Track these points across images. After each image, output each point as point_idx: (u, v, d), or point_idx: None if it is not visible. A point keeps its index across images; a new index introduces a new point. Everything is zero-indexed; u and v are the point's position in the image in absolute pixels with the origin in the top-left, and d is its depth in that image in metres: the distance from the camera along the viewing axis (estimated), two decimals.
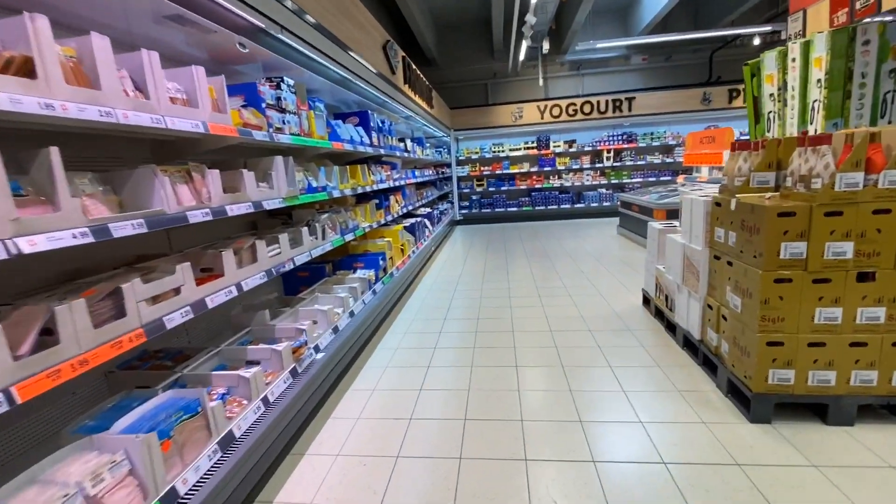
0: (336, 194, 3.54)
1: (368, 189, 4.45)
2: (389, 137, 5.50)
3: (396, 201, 5.75)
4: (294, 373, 2.38)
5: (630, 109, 9.89)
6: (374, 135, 4.75)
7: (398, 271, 4.77)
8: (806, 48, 2.74)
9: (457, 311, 4.28)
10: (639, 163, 10.32)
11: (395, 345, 3.54)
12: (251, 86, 2.58)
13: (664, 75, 10.68)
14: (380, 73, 4.34)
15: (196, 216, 1.92)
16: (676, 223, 3.75)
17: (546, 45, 7.91)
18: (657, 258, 3.60)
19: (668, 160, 10.17)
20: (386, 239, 4.75)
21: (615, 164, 10.38)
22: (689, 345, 3.00)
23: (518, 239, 8.25)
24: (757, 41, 8.75)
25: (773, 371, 2.14)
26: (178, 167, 1.97)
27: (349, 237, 3.77)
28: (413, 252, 5.70)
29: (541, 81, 10.17)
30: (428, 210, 7.72)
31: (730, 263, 2.40)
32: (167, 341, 2.50)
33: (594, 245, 7.11)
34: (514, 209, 10.66)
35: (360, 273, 4.01)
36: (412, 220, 6.25)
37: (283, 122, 2.81)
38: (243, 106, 2.56)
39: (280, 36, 2.48)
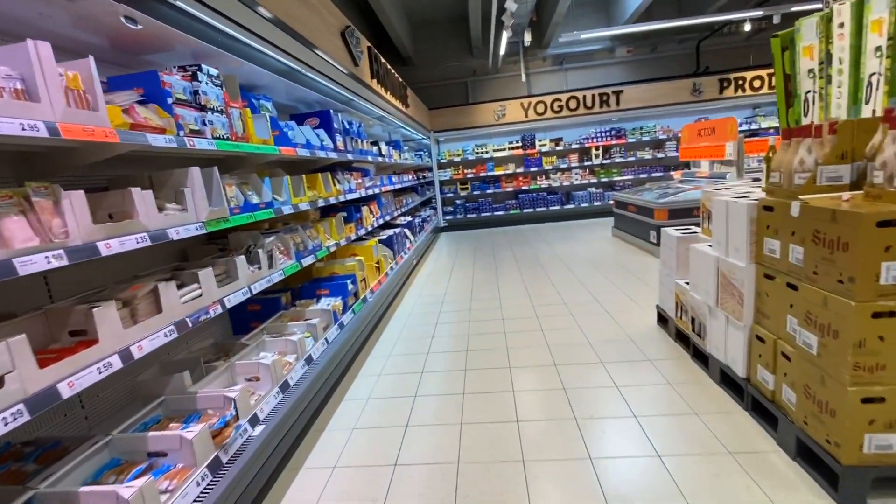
0: (287, 210, 2.90)
1: (333, 200, 3.81)
2: (359, 141, 4.87)
3: (370, 212, 5.11)
4: (215, 466, 1.73)
5: (618, 104, 9.42)
6: (338, 138, 4.12)
7: (373, 294, 4.13)
8: (860, 9, 2.19)
9: (443, 341, 3.65)
10: (629, 159, 9.85)
11: (366, 393, 2.90)
12: (150, 75, 1.93)
13: (650, 67, 10.25)
14: (339, 63, 3.71)
15: (33, 264, 1.26)
16: (696, 228, 3.19)
17: (528, 36, 7.38)
18: (676, 271, 3.04)
19: (660, 155, 9.72)
20: (357, 258, 4.11)
21: (604, 161, 9.89)
22: (728, 381, 2.43)
23: (507, 245, 7.67)
24: (748, 27, 8.35)
25: (871, 436, 1.57)
26: (8, 191, 1.32)
27: (309, 260, 3.13)
28: (392, 268, 5.06)
29: (523, 77, 9.64)
30: (408, 219, 7.09)
31: (792, 287, 1.83)
32: (48, 421, 1.83)
33: (589, 250, 6.56)
34: (501, 213, 10.09)
35: (324, 303, 3.36)
36: (390, 232, 5.62)
37: (204, 123, 2.17)
38: (140, 101, 1.90)
39: (180, 4, 1.83)
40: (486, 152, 10.07)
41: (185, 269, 2.17)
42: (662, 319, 3.40)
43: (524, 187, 10.13)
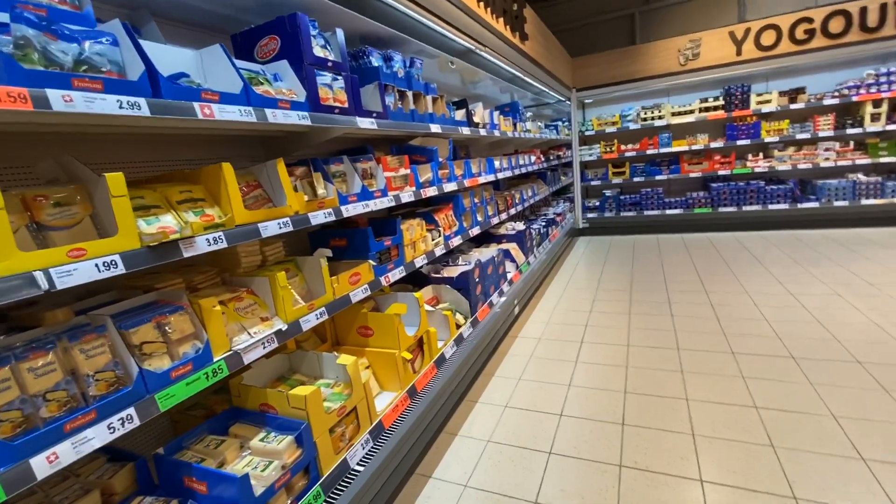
0: None
1: (279, 228, 1.55)
2: (408, 95, 2.49)
3: (429, 229, 2.71)
4: None
5: None
6: (325, 79, 1.81)
7: (378, 442, 1.77)
8: None
9: None
10: None
11: None
12: None
13: None
14: None
15: None
16: None
17: None
18: None
19: None
20: (343, 362, 1.77)
21: (888, 126, 5.58)
22: None
23: (693, 275, 4.48)
24: None
25: None
26: None
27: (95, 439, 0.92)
28: (461, 337, 2.62)
29: None
30: (519, 227, 4.47)
31: None
32: None
33: None
34: (678, 210, 6.63)
35: None
36: (473, 260, 3.15)
37: None
38: None
39: None
40: (660, 117, 6.64)
41: None
42: None
43: (722, 172, 6.45)
